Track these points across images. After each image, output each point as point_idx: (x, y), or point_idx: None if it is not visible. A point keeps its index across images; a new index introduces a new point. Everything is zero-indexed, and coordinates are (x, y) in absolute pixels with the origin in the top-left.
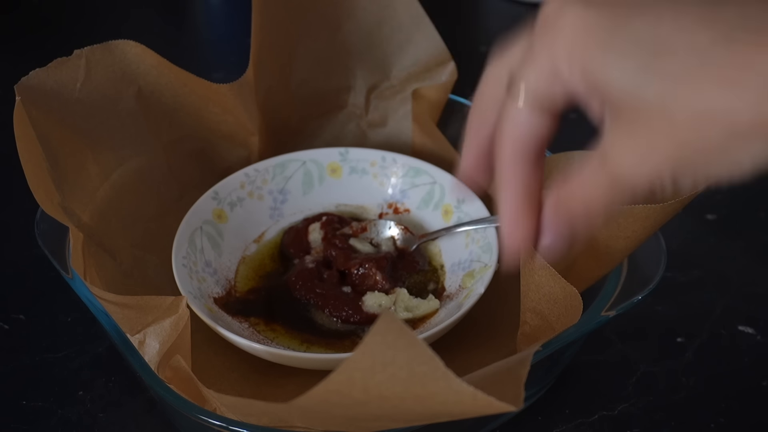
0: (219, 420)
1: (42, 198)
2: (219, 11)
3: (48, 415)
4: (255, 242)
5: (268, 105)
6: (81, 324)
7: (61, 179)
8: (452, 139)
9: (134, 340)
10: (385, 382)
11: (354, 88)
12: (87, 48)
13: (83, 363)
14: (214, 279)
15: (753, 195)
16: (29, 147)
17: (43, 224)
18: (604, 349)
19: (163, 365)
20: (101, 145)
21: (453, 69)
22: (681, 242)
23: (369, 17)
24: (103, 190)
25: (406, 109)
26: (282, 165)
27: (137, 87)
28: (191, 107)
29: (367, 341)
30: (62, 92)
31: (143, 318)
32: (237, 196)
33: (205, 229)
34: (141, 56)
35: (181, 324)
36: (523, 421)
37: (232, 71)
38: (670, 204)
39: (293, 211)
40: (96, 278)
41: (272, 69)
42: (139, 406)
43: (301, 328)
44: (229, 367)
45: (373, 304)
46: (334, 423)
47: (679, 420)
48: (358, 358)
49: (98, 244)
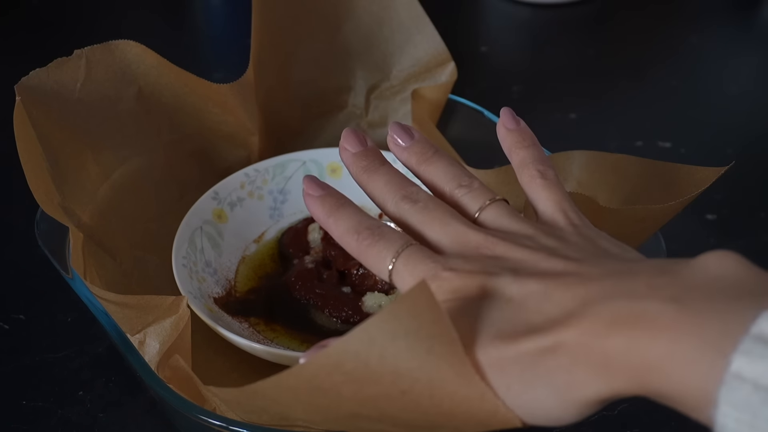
0: (219, 420)
1: (42, 198)
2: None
3: (48, 415)
4: (255, 242)
5: (268, 105)
6: (81, 324)
7: (61, 179)
8: (452, 140)
9: (134, 340)
10: (403, 353)
11: (354, 88)
12: (87, 48)
13: (83, 363)
14: (214, 279)
15: (753, 195)
16: (29, 147)
17: (43, 224)
18: None
19: (162, 365)
20: (101, 145)
21: (453, 69)
22: (681, 242)
23: (369, 17)
24: (103, 190)
25: (406, 109)
26: (282, 165)
27: (137, 87)
28: (191, 107)
29: (397, 304)
30: (62, 92)
31: (143, 318)
32: (237, 196)
33: (205, 229)
34: (141, 56)
35: (182, 324)
36: None
37: (232, 71)
38: (670, 204)
39: (293, 211)
40: (96, 278)
41: (272, 69)
42: (139, 406)
43: (301, 329)
44: (229, 367)
45: (372, 304)
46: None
47: (679, 420)
48: (384, 317)
49: (98, 244)
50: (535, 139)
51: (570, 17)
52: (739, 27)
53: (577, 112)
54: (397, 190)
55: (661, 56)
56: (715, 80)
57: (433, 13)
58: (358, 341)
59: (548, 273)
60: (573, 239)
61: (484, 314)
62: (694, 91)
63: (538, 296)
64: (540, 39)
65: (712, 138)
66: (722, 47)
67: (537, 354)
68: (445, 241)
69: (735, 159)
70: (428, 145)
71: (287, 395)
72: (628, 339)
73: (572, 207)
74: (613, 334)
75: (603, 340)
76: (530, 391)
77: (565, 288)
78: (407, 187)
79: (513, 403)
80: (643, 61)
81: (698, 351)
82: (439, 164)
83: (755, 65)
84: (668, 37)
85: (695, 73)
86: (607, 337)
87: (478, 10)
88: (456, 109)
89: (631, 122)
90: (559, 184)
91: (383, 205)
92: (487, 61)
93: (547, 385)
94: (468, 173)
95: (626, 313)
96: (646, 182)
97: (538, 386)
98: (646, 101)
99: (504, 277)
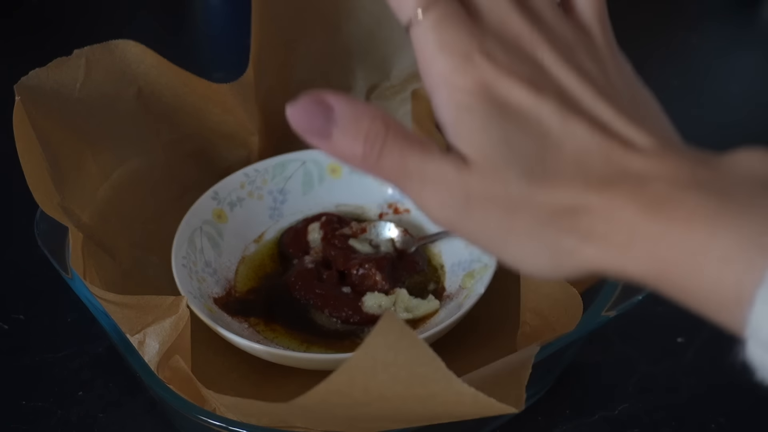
0: (219, 420)
1: (42, 198)
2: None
3: (48, 415)
4: (255, 242)
5: (268, 105)
6: (81, 324)
7: (60, 179)
8: None
9: (134, 341)
10: (386, 383)
11: (354, 88)
12: (87, 48)
13: (83, 363)
14: (213, 279)
15: None
16: (29, 147)
17: (43, 224)
18: (605, 349)
19: (162, 365)
20: (101, 145)
21: None
22: None
23: (369, 17)
24: (102, 190)
25: (406, 109)
26: (282, 165)
27: (137, 87)
28: (191, 107)
29: (369, 342)
30: (62, 92)
31: (143, 318)
32: (237, 196)
33: (205, 229)
34: (141, 56)
35: (181, 324)
36: (523, 421)
37: (232, 71)
38: None
39: (293, 211)
40: (96, 278)
41: (272, 69)
42: (139, 406)
43: (300, 329)
44: (229, 367)
45: (372, 304)
46: (335, 423)
47: (679, 420)
48: (359, 358)
49: (98, 244)
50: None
51: None
52: (739, 27)
53: None
54: None
55: (660, 55)
56: (715, 80)
57: None
58: (338, 384)
59: (595, 120)
60: (610, 65)
61: (515, 138)
62: (694, 91)
63: (579, 143)
64: None
65: (713, 138)
66: (722, 47)
67: (557, 210)
68: (485, 6)
69: None
70: None
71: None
72: (663, 225)
73: (607, 16)
74: (648, 217)
75: (634, 218)
76: (530, 243)
77: (609, 148)
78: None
79: (506, 247)
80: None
81: (737, 248)
82: None
83: (755, 65)
84: (668, 37)
85: (695, 72)
86: (639, 218)
87: None
88: None
89: None
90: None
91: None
92: None
93: (551, 245)
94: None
95: (665, 198)
96: None
97: (541, 242)
98: None
99: (549, 101)
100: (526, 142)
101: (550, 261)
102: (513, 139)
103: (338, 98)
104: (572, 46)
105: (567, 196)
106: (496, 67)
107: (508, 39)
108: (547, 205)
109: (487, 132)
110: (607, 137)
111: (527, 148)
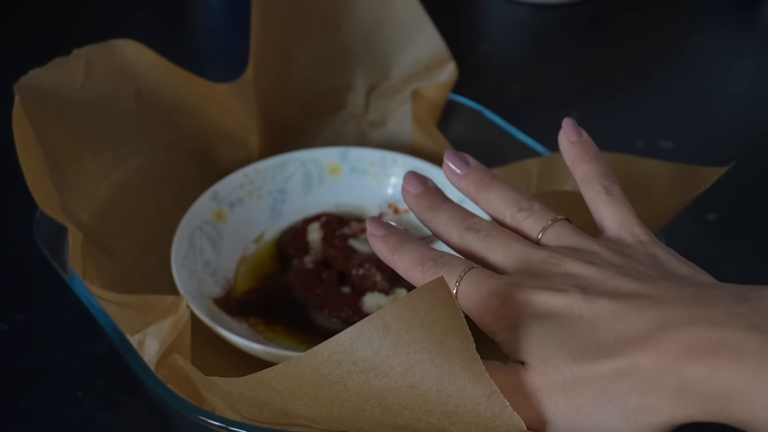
0: (218, 420)
1: (41, 198)
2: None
3: (48, 415)
4: (254, 242)
5: (268, 105)
6: (81, 324)
7: (60, 179)
8: (452, 139)
9: (134, 341)
10: (417, 343)
11: (354, 88)
12: (86, 47)
13: (83, 363)
14: (213, 279)
15: (754, 195)
16: (28, 147)
17: (43, 224)
18: None
19: (161, 365)
20: (101, 144)
21: (453, 69)
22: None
23: (369, 17)
24: (102, 189)
25: (406, 109)
26: (282, 165)
27: (137, 87)
28: (191, 107)
29: (413, 295)
30: (62, 92)
31: (143, 318)
32: (236, 196)
33: (205, 229)
34: (140, 56)
35: (181, 324)
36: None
37: (232, 71)
38: (671, 204)
39: (293, 211)
40: (95, 278)
41: (272, 69)
42: (138, 406)
43: (300, 329)
44: (229, 367)
45: (372, 304)
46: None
47: None
48: (400, 306)
49: (97, 244)
50: (598, 151)
51: (570, 17)
52: (740, 27)
53: (578, 112)
54: (459, 222)
55: (661, 56)
56: (715, 80)
57: (433, 12)
58: (372, 328)
59: (619, 293)
60: (641, 257)
61: (554, 332)
62: (694, 91)
63: (609, 316)
64: (540, 39)
65: (713, 138)
66: (723, 47)
67: (611, 376)
68: (509, 262)
69: (736, 159)
70: (485, 171)
71: (293, 386)
72: (710, 367)
73: (639, 223)
74: (692, 361)
75: (681, 366)
76: (602, 412)
77: (639, 309)
78: (470, 219)
79: (583, 423)
80: (644, 61)
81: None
82: (498, 190)
83: (756, 65)
84: (669, 37)
85: (696, 72)
86: (686, 364)
87: (478, 10)
88: (456, 109)
89: (632, 122)
90: (625, 200)
91: (448, 240)
92: (487, 61)
93: (619, 408)
94: (527, 196)
95: (706, 340)
96: (647, 182)
97: (610, 408)
98: (646, 101)
99: (572, 294)
100: (565, 331)
101: (629, 424)
102: (554, 334)
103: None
104: (597, 252)
105: (614, 362)
106: (522, 289)
107: (533, 268)
108: (600, 374)
109: (532, 336)
110: (633, 302)
111: (567, 335)
